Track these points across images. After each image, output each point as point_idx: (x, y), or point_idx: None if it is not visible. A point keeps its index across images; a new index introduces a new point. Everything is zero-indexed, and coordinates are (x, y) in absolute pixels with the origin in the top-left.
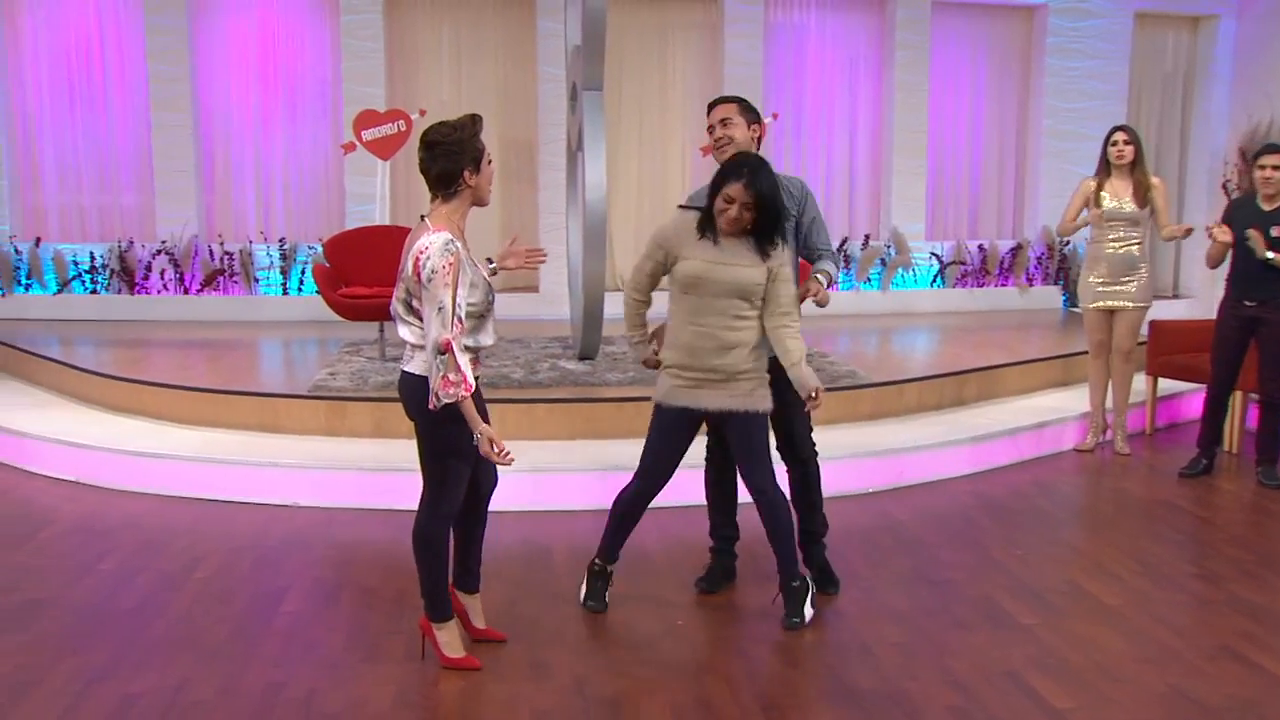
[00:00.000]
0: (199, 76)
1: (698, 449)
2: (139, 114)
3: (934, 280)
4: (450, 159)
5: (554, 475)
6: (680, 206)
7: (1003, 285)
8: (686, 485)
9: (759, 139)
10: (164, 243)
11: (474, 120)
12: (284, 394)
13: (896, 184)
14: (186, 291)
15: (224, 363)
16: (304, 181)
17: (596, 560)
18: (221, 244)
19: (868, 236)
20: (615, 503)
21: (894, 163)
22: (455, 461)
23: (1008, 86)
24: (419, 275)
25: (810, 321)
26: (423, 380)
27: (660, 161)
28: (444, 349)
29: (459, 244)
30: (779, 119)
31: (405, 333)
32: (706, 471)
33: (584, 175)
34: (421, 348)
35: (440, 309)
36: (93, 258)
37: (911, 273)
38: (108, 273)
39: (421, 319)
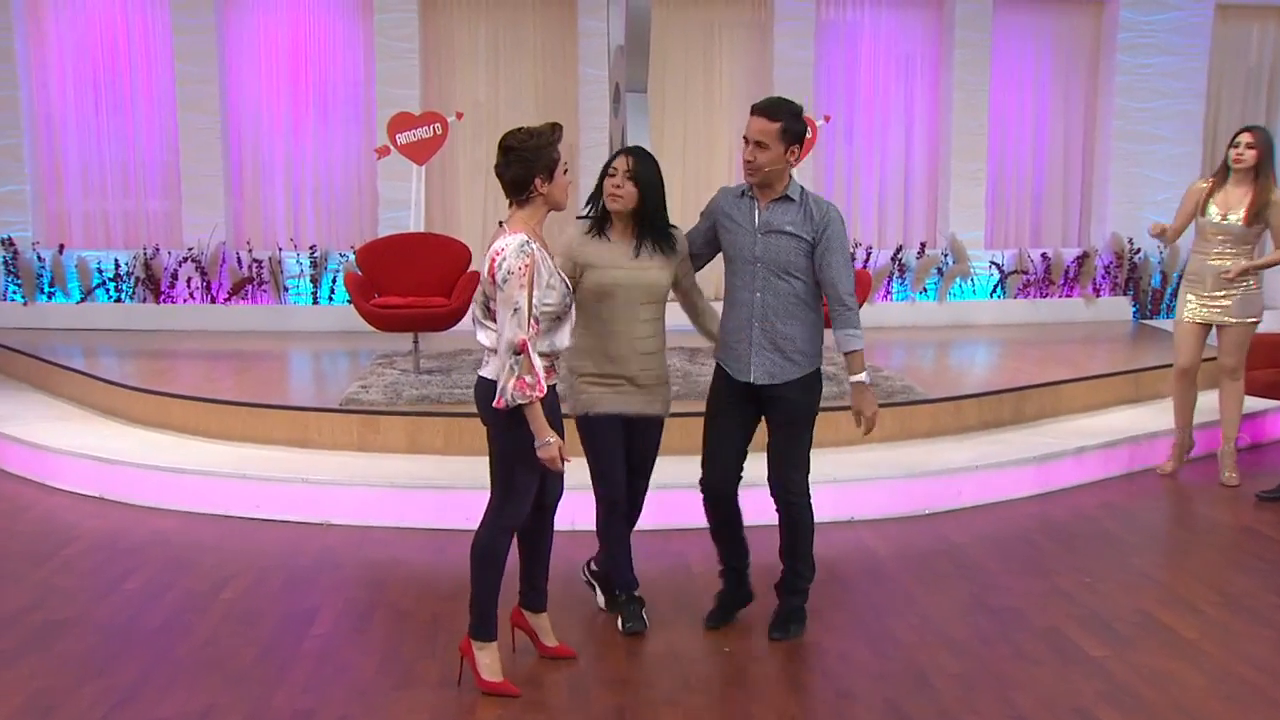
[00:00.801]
0: (228, 78)
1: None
2: (166, 116)
3: (994, 291)
4: (523, 165)
5: (589, 493)
6: (577, 217)
7: (1067, 296)
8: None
9: (797, 160)
10: (190, 250)
11: (554, 129)
12: (315, 408)
13: (955, 189)
14: (214, 300)
15: (252, 375)
16: (335, 187)
17: (619, 594)
18: (250, 251)
19: (924, 245)
20: (599, 535)
21: (952, 166)
22: (522, 470)
23: (1074, 85)
24: (494, 277)
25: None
26: (495, 385)
27: (706, 166)
28: (520, 349)
29: (535, 245)
30: (831, 121)
31: (483, 337)
32: (705, 504)
33: None
34: (497, 351)
35: (516, 310)
36: (117, 265)
37: (970, 283)
38: (132, 281)
39: (496, 321)
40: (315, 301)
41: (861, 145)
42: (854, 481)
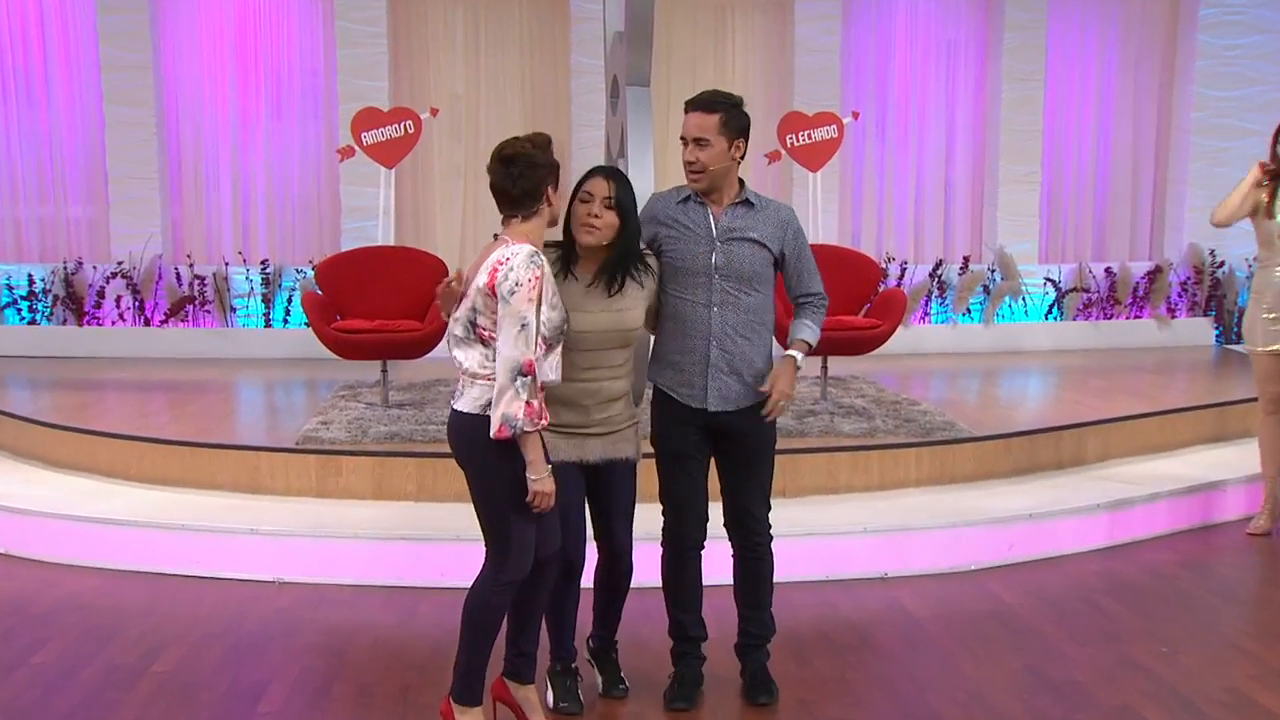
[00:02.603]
0: (163, 64)
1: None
2: (89, 108)
3: (1049, 311)
4: (535, 175)
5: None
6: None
7: (1136, 317)
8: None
9: (742, 156)
10: (120, 264)
11: (548, 138)
12: (266, 447)
13: (1004, 195)
14: (148, 323)
15: (193, 409)
16: (291, 192)
17: (556, 664)
18: (191, 266)
19: (967, 259)
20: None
21: (1000, 169)
22: (518, 518)
23: (1146, 73)
24: (494, 289)
25: (892, 361)
26: (479, 419)
27: None
28: (526, 370)
29: (544, 258)
30: (859, 118)
31: (464, 357)
32: (667, 562)
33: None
34: (483, 377)
35: (524, 325)
36: (31, 281)
37: (1021, 302)
38: (50, 299)
39: (485, 342)
40: (267, 324)
41: (895, 145)
42: (887, 532)
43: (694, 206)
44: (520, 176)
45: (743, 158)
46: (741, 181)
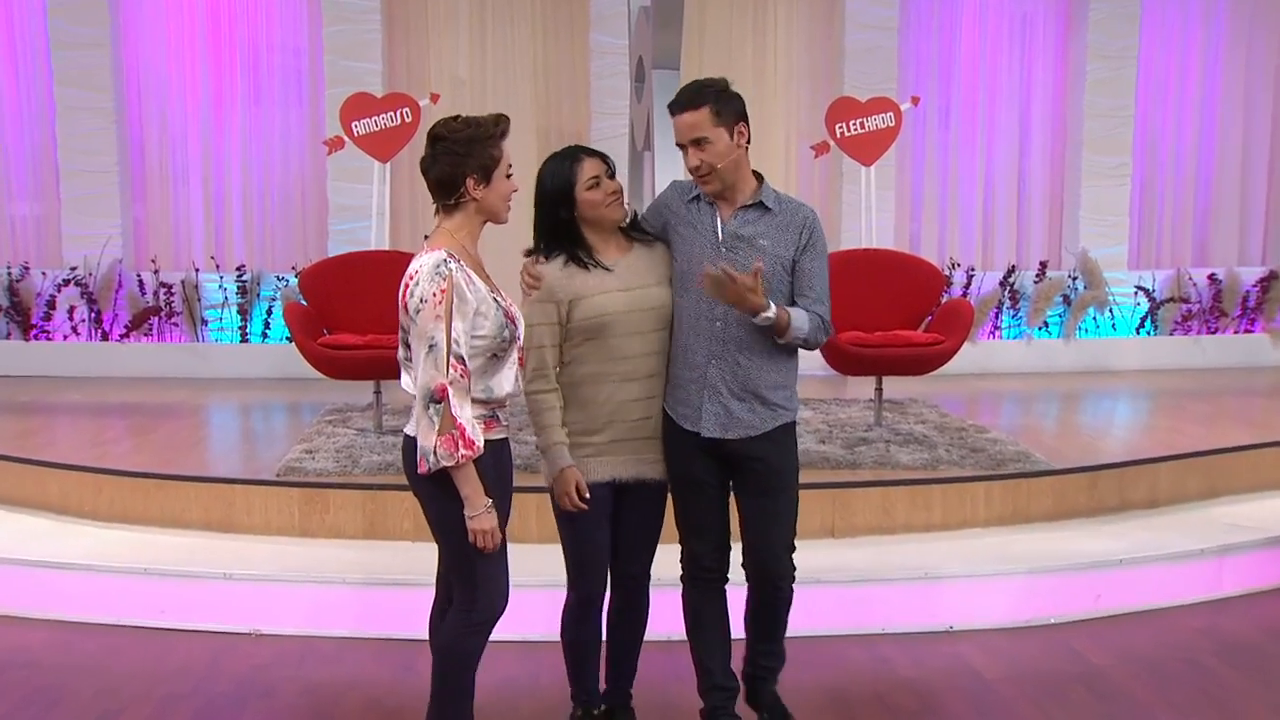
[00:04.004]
0: (123, 40)
1: None
2: (38, 92)
3: (1141, 325)
4: (453, 161)
5: (551, 591)
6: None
7: (1246, 331)
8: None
9: (748, 141)
10: (74, 270)
11: (497, 120)
12: (242, 479)
13: (1088, 192)
14: (106, 337)
15: (158, 436)
16: (272, 189)
17: (576, 711)
18: (156, 273)
19: (1044, 265)
20: (564, 633)
21: (1084, 161)
22: (479, 554)
23: (1259, 47)
24: (406, 305)
25: (957, 382)
26: None
27: (755, 161)
28: (438, 395)
29: (456, 264)
30: (920, 104)
31: (409, 382)
32: (687, 595)
33: (654, 182)
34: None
35: (431, 346)
36: None
37: (1108, 315)
38: None
39: None
40: (244, 339)
41: (961, 135)
42: (952, 579)
43: (702, 206)
44: (435, 160)
45: (749, 142)
46: (759, 177)
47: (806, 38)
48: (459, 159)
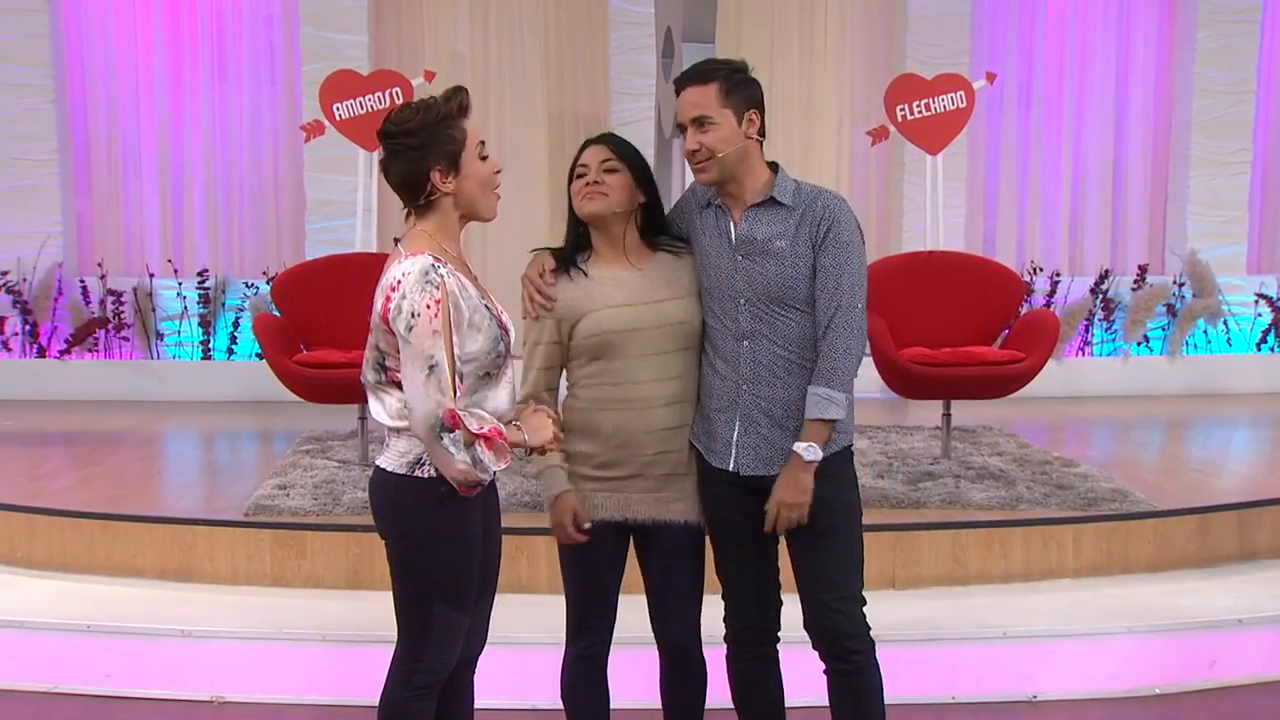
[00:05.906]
0: (65, 8)
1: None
2: None
3: (1263, 340)
4: (410, 157)
5: (548, 650)
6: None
7: None
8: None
9: (759, 131)
10: (6, 275)
11: (450, 96)
12: (204, 520)
13: (1197, 184)
14: (43, 353)
15: (105, 469)
16: (240, 183)
17: None
18: (103, 279)
19: (1143, 269)
20: (563, 694)
21: (1192, 148)
22: (443, 606)
23: None
24: (389, 323)
25: (1040, 407)
26: (405, 480)
27: (803, 155)
28: (448, 423)
29: (446, 270)
30: (995, 83)
31: (379, 410)
32: (731, 661)
33: (684, 172)
34: (407, 428)
35: (433, 367)
36: None
37: (1222, 328)
38: None
39: (401, 386)
40: (207, 356)
41: (1043, 119)
42: (1037, 639)
43: (715, 211)
44: (392, 161)
45: (762, 135)
46: (776, 168)
47: (863, 6)
48: (416, 152)
